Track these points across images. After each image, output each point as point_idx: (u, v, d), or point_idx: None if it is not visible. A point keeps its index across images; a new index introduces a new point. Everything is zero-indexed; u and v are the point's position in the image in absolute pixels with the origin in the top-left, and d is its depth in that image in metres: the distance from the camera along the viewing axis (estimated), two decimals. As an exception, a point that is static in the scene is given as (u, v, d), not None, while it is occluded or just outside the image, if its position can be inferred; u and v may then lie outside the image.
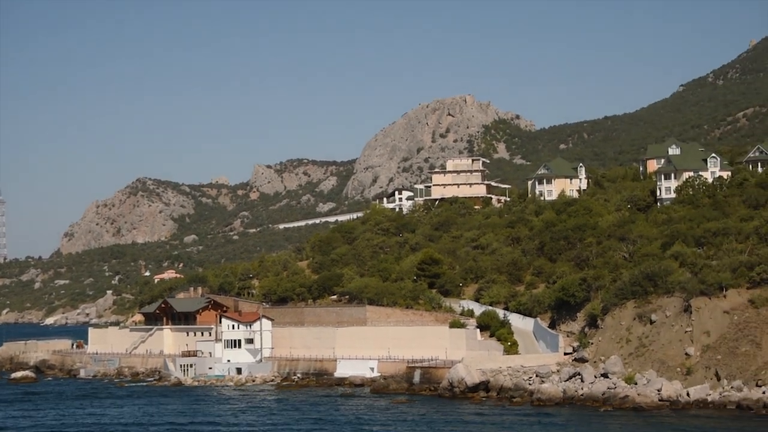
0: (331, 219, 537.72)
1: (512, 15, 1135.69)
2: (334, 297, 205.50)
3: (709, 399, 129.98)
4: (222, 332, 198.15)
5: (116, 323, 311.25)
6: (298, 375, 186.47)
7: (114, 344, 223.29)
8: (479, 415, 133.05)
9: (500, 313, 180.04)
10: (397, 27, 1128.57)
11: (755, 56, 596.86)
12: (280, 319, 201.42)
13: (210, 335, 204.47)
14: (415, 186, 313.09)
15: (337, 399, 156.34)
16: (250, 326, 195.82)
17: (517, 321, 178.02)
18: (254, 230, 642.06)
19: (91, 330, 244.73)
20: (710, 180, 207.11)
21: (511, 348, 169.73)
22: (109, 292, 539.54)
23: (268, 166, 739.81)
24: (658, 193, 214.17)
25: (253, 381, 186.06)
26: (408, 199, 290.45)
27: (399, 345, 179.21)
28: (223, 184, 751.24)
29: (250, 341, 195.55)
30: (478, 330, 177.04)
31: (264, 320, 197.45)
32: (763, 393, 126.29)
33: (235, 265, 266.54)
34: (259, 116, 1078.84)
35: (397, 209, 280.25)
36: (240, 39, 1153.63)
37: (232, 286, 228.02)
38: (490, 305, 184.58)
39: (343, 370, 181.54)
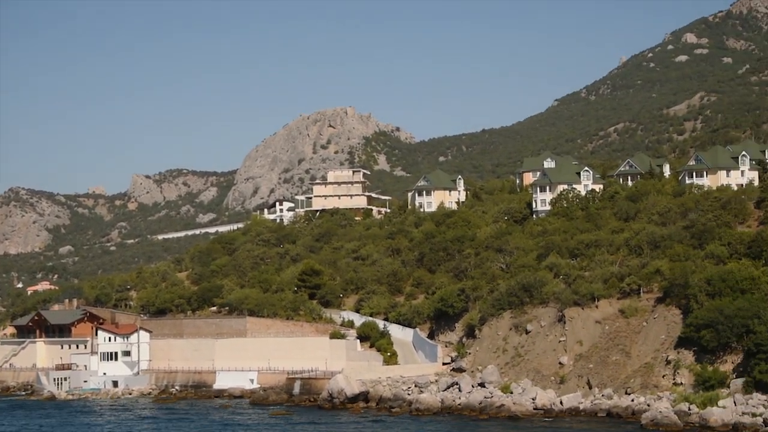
0: (212, 230, 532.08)
1: (392, 27, 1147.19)
2: (214, 308, 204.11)
3: (581, 407, 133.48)
4: (98, 345, 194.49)
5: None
6: (176, 387, 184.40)
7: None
8: (357, 424, 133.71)
9: (380, 323, 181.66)
10: (279, 37, 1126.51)
11: (625, 73, 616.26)
12: (158, 331, 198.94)
13: (85, 348, 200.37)
14: (296, 197, 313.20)
15: (216, 411, 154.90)
16: (128, 338, 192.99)
17: (396, 331, 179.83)
18: (132, 241, 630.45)
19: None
20: (583, 193, 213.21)
21: (391, 358, 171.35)
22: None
23: (147, 176, 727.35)
24: (533, 206, 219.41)
25: (130, 394, 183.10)
26: (289, 210, 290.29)
27: (279, 356, 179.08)
28: (100, 195, 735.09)
29: (127, 354, 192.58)
30: (359, 341, 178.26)
31: (142, 332, 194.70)
32: (632, 401, 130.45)
33: (112, 277, 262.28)
34: (138, 125, 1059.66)
35: (278, 220, 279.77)
36: (118, 47, 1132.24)
37: (109, 298, 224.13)
38: (371, 316, 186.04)
39: (222, 382, 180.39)
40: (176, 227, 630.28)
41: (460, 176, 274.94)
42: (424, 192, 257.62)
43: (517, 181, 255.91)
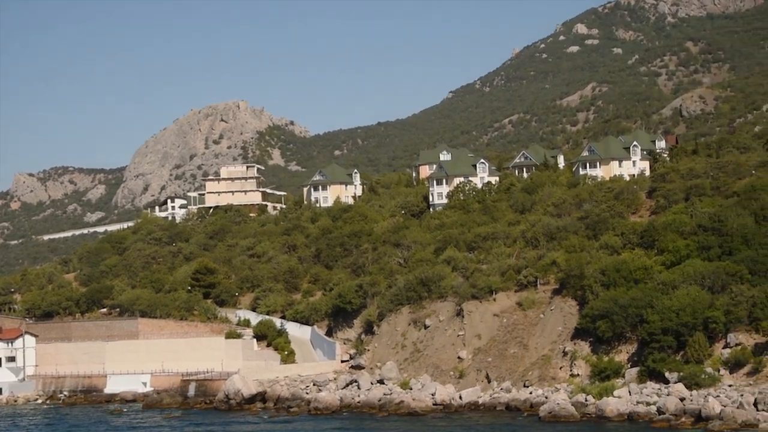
0: (100, 229, 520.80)
1: (284, 20, 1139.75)
2: (104, 310, 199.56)
3: (480, 401, 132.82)
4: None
5: None
6: (65, 393, 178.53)
7: None
8: (254, 425, 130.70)
9: (277, 322, 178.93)
10: (167, 30, 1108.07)
11: (518, 64, 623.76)
12: (45, 334, 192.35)
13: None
14: (189, 194, 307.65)
15: (107, 416, 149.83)
16: (12, 343, 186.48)
17: (294, 329, 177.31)
18: (16, 242, 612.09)
19: None
20: (479, 185, 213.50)
21: (289, 357, 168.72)
22: None
23: (31, 175, 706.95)
24: (430, 199, 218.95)
25: (15, 401, 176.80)
26: (181, 207, 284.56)
27: (173, 358, 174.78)
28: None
29: (12, 359, 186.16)
30: (255, 340, 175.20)
31: (27, 336, 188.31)
32: (530, 393, 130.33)
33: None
34: (20, 121, 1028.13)
35: (169, 218, 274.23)
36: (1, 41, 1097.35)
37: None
38: (267, 314, 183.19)
39: (113, 386, 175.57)
40: (63, 227, 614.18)
41: (356, 170, 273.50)
42: (320, 187, 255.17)
43: (414, 175, 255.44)
